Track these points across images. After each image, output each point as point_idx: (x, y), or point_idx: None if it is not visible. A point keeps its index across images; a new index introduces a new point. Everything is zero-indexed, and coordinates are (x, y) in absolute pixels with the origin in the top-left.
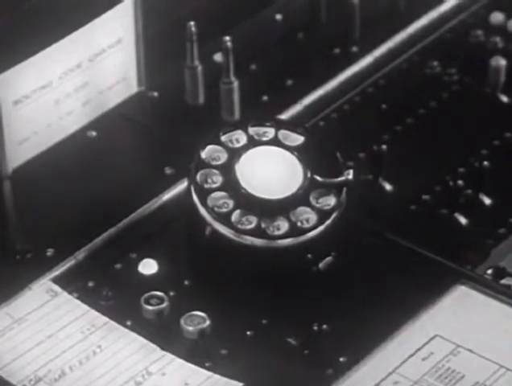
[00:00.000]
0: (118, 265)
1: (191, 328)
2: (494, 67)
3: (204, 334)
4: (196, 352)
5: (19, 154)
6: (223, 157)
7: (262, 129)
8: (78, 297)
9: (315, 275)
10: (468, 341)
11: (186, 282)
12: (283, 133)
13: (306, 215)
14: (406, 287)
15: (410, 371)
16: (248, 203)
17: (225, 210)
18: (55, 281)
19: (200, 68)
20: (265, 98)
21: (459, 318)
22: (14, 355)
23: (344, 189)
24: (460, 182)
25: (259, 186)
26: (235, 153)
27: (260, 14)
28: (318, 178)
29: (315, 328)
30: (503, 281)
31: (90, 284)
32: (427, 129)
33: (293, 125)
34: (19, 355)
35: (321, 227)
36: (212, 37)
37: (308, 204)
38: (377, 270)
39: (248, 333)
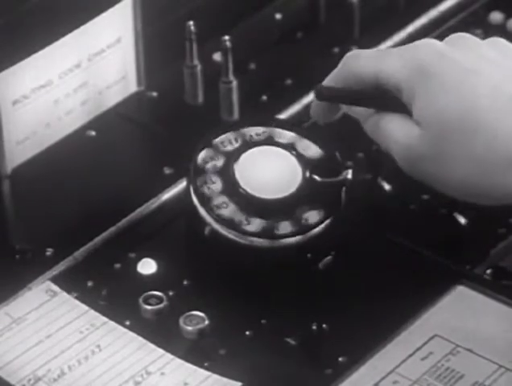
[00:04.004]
0: (117, 265)
1: (190, 328)
2: None
3: (203, 333)
4: (195, 352)
5: (18, 154)
6: (220, 159)
7: (256, 130)
8: (77, 297)
9: (315, 275)
10: (468, 341)
11: (185, 282)
12: (278, 132)
13: (305, 215)
14: (406, 287)
15: (409, 371)
16: (247, 203)
17: (224, 210)
18: (55, 280)
19: (199, 68)
20: (264, 98)
21: (458, 317)
22: (13, 355)
23: (344, 189)
24: None
25: (258, 187)
26: (232, 155)
27: (259, 14)
28: (317, 177)
29: (315, 328)
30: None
31: (89, 284)
32: None
33: (287, 123)
34: (18, 355)
35: (321, 227)
36: (212, 36)
37: (307, 204)
38: (377, 270)
39: (247, 333)
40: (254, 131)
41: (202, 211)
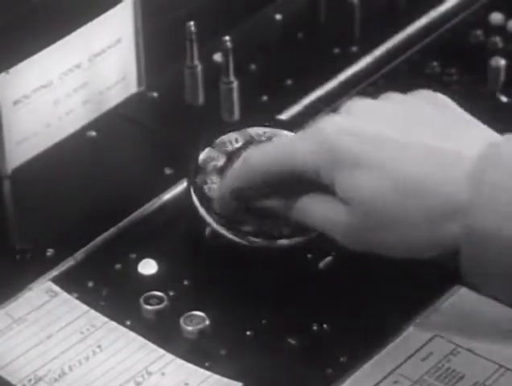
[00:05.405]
0: (118, 265)
1: (190, 328)
2: (494, 68)
3: (204, 333)
4: (196, 352)
5: (19, 154)
6: (221, 159)
7: (260, 130)
8: (78, 298)
9: (315, 275)
10: (468, 341)
11: (185, 282)
12: (280, 133)
13: None
14: (406, 287)
15: (409, 371)
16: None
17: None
18: (55, 281)
19: (199, 68)
20: (264, 98)
21: (458, 318)
22: (13, 355)
23: None
24: None
25: None
26: (233, 155)
27: (260, 14)
28: None
29: (316, 328)
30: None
31: (90, 284)
32: None
33: (289, 123)
34: (19, 355)
35: None
36: (212, 37)
37: None
38: (377, 271)
39: (247, 333)
40: (256, 131)
41: (202, 211)
